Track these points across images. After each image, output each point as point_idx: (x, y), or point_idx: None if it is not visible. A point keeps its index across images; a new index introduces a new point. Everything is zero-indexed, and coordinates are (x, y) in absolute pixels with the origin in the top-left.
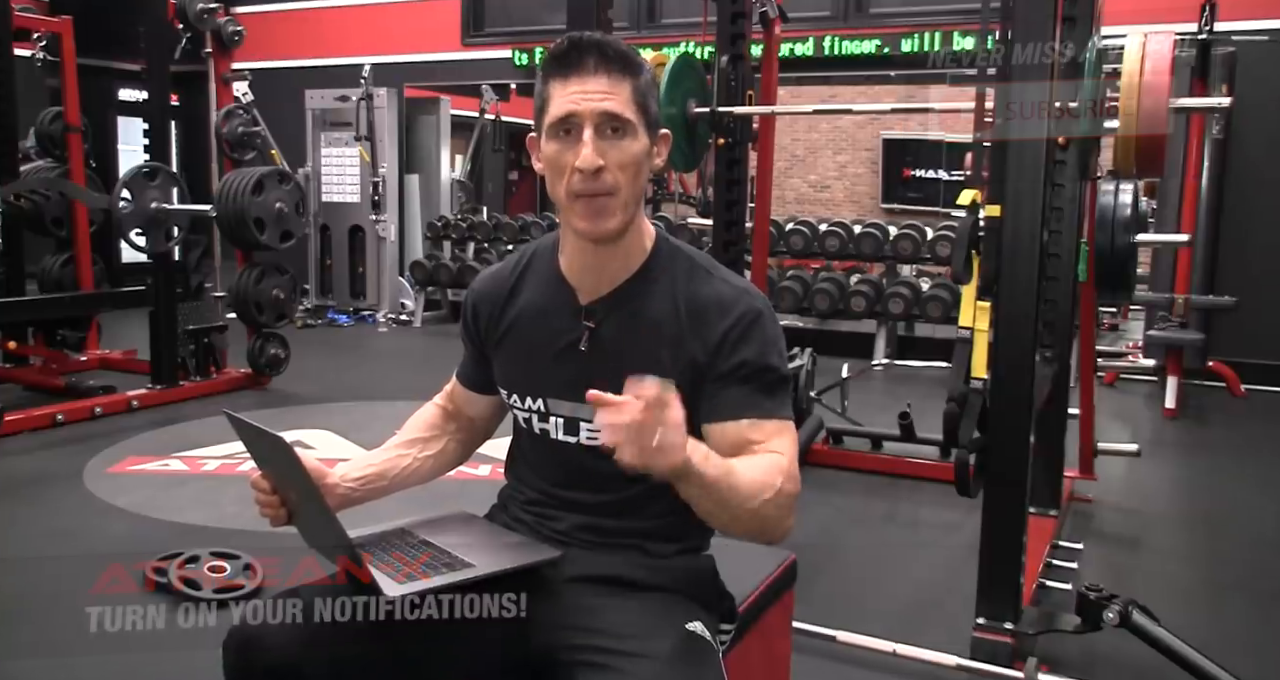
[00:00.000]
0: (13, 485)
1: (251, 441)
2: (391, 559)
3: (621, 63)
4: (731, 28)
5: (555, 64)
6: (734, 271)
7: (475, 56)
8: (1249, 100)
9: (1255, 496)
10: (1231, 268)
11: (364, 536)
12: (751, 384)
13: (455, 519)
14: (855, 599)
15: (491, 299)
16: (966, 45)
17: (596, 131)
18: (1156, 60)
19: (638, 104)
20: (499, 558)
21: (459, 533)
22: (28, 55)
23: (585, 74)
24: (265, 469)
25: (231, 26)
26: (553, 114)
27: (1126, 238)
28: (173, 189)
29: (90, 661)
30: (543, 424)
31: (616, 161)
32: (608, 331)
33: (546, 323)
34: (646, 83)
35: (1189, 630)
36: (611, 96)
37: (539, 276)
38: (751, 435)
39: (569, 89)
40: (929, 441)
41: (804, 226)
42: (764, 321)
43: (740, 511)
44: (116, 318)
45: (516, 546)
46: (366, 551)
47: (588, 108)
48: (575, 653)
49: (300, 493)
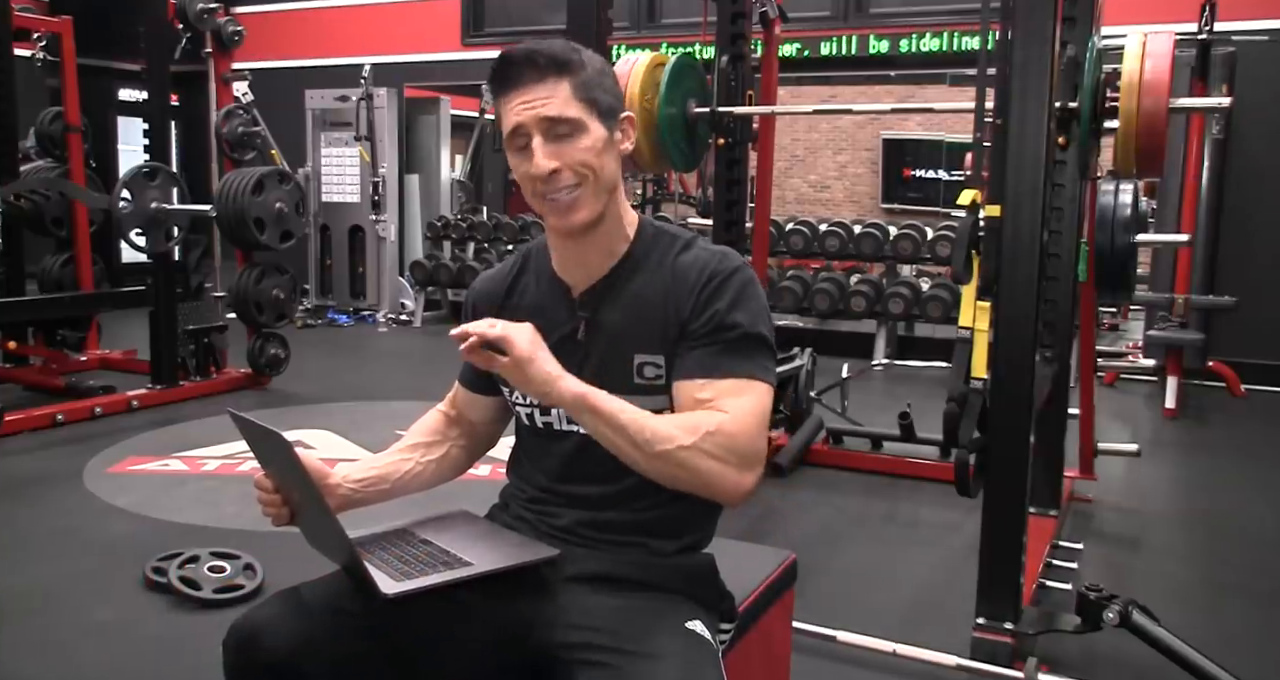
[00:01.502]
0: (13, 485)
1: (255, 441)
2: (390, 557)
3: (554, 66)
4: (731, 28)
5: (495, 83)
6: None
7: (475, 56)
8: (1249, 100)
9: (1255, 496)
10: (1231, 268)
11: (364, 536)
12: (716, 344)
13: (456, 518)
14: (855, 599)
15: (490, 298)
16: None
17: (544, 137)
18: (1156, 60)
19: (581, 100)
20: (497, 556)
21: (459, 532)
22: (28, 55)
23: (522, 85)
24: (268, 469)
25: (231, 26)
26: (505, 130)
27: (1126, 238)
28: (173, 189)
29: (91, 661)
30: (545, 417)
31: (570, 161)
32: (603, 317)
33: (544, 318)
34: (589, 75)
35: (1189, 630)
36: (550, 100)
37: (535, 275)
38: (700, 394)
39: (512, 103)
40: (929, 441)
41: (804, 226)
42: (737, 279)
43: (655, 451)
44: (116, 318)
45: (516, 545)
46: (366, 550)
47: (529, 116)
48: (574, 652)
49: (302, 492)
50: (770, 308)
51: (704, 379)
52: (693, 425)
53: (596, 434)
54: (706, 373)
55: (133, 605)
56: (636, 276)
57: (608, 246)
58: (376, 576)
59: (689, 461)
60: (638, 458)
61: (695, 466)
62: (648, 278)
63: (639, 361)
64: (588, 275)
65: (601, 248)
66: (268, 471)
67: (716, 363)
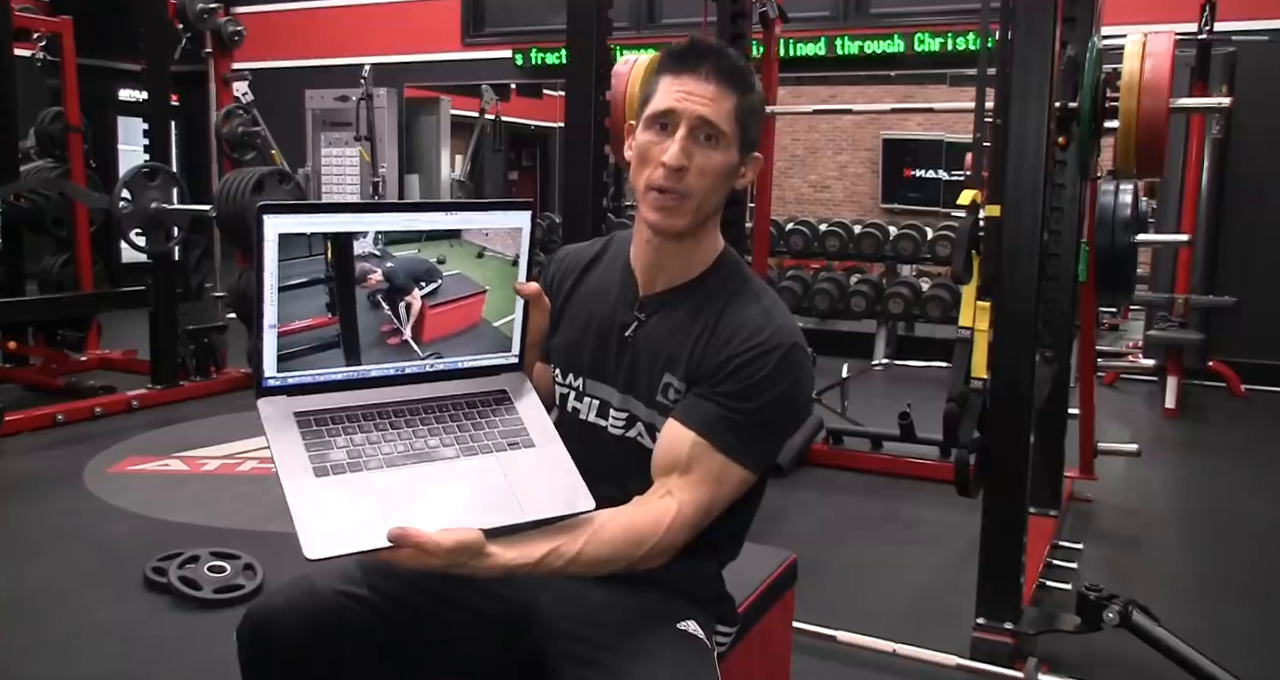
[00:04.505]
0: (13, 485)
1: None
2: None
3: (734, 76)
4: (731, 28)
5: (671, 60)
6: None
7: (475, 56)
8: (1249, 100)
9: (1255, 496)
10: (1231, 268)
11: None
12: (729, 410)
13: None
14: (855, 599)
15: (569, 267)
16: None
17: (690, 133)
18: (1156, 60)
19: (738, 120)
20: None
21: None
22: (28, 55)
23: (696, 76)
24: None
25: (231, 26)
26: (654, 106)
27: (1126, 238)
28: (173, 189)
29: (91, 661)
30: (577, 402)
31: (700, 167)
32: (651, 327)
33: (606, 302)
34: (753, 103)
35: (1189, 630)
36: (713, 104)
37: (612, 260)
38: (692, 452)
39: (676, 87)
40: (929, 441)
41: (804, 226)
42: (780, 360)
43: (596, 572)
44: (116, 318)
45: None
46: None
47: (688, 108)
48: (568, 649)
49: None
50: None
51: (698, 438)
52: (637, 539)
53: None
54: (705, 434)
55: (133, 605)
56: (694, 302)
57: (686, 263)
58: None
59: (629, 567)
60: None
61: (633, 567)
62: (701, 307)
63: (665, 381)
64: (657, 280)
65: (681, 261)
66: None
67: (717, 430)
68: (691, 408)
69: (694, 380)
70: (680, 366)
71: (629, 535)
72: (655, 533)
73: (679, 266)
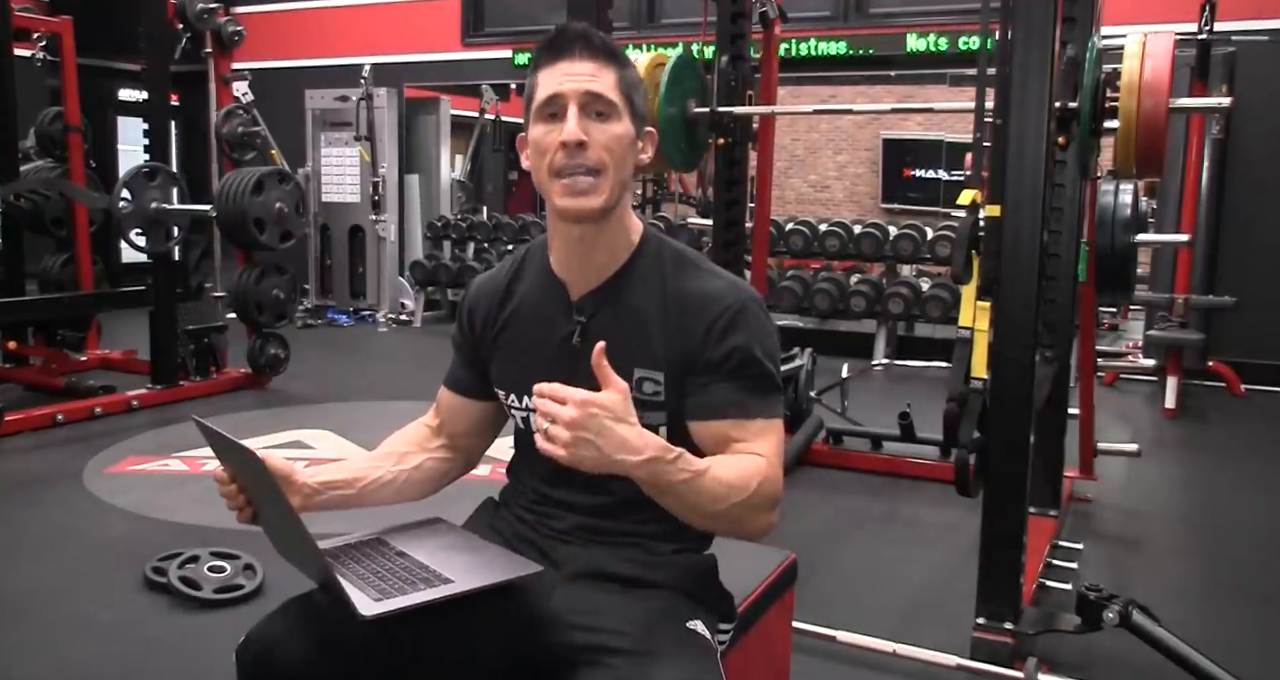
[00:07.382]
0: (13, 485)
1: (222, 452)
2: (365, 572)
3: (607, 52)
4: (731, 28)
5: (543, 51)
6: (733, 272)
7: (475, 56)
8: (1249, 100)
9: (1255, 496)
10: (1231, 268)
11: (335, 546)
12: (737, 380)
13: (433, 527)
14: (855, 599)
15: (488, 299)
16: (966, 45)
17: (582, 111)
18: (1156, 60)
19: (623, 92)
20: (479, 573)
21: (436, 543)
22: (28, 55)
23: (572, 58)
24: (230, 471)
25: (231, 26)
26: (539, 97)
27: (1126, 238)
28: (173, 189)
29: (91, 661)
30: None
31: (601, 141)
32: (599, 325)
33: (540, 319)
34: (632, 77)
35: (1189, 630)
36: (596, 78)
37: (532, 275)
38: (734, 434)
39: (555, 73)
40: (929, 441)
41: (804, 226)
42: (752, 313)
43: (710, 511)
44: (116, 318)
45: (496, 559)
46: (339, 562)
47: (572, 88)
48: (574, 651)
49: (272, 505)
50: (770, 308)
51: (736, 420)
52: (742, 480)
53: (651, 494)
54: (739, 413)
55: (133, 605)
56: (637, 288)
57: (611, 250)
58: (353, 594)
59: (740, 517)
60: (690, 516)
61: (742, 519)
62: (647, 291)
63: (639, 376)
64: (586, 278)
65: (605, 250)
66: (224, 465)
67: (745, 402)
68: (710, 401)
69: (682, 366)
70: (653, 355)
71: (739, 471)
72: (757, 473)
73: (606, 255)
